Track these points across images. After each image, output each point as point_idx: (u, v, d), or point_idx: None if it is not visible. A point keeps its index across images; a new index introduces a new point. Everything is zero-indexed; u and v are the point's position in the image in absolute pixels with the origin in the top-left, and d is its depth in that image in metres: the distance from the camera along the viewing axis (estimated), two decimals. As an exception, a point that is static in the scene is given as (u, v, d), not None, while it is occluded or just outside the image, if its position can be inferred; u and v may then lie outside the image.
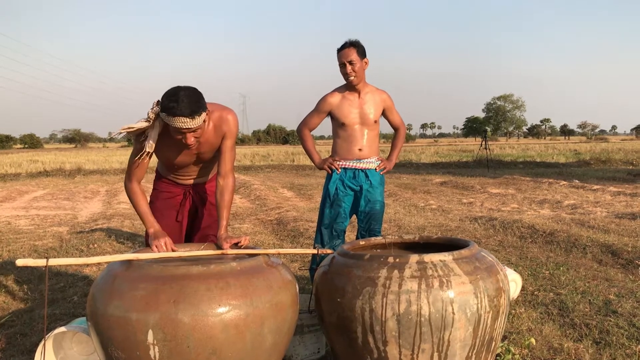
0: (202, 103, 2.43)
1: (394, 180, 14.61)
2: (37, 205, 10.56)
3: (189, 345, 1.97)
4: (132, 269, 2.16)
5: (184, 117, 2.34)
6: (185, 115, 2.34)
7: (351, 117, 3.53)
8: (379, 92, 3.62)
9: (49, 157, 29.71)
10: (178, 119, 2.35)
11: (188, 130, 2.41)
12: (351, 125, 3.54)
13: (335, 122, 3.61)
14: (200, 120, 2.41)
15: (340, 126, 3.57)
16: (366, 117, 3.54)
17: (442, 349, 2.06)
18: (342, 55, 3.43)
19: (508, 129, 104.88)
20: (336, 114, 3.56)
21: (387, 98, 3.65)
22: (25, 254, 5.60)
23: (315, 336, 2.79)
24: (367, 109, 3.54)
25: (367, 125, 3.56)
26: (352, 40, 3.45)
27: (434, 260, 2.14)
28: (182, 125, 2.37)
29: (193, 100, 2.37)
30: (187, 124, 2.37)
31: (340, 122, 3.55)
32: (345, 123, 3.53)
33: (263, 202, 10.15)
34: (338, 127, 3.59)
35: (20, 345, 3.05)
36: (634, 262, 4.55)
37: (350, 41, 3.45)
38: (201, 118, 2.41)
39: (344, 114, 3.53)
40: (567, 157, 24.06)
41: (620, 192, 10.26)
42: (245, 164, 23.23)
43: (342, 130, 3.57)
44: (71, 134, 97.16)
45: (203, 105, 2.44)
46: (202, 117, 2.42)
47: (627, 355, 2.73)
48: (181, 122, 2.36)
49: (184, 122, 2.36)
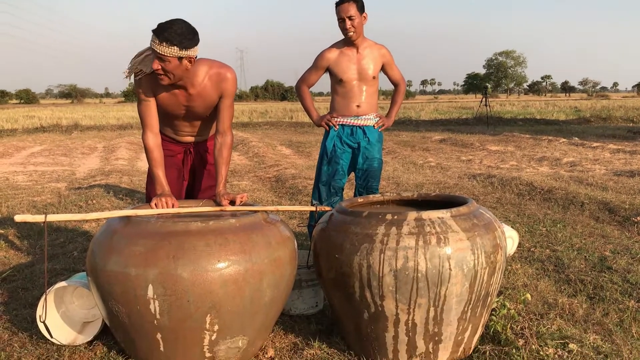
0: (182, 41, 2.40)
1: (392, 138, 14.56)
2: (34, 161, 10.54)
3: (189, 300, 2.00)
4: (130, 225, 2.16)
5: (156, 38, 2.39)
6: (158, 37, 2.39)
7: (349, 73, 3.47)
8: (378, 47, 3.54)
9: (46, 113, 29.47)
10: (153, 37, 2.41)
11: (154, 54, 2.42)
12: (349, 81, 3.49)
13: (333, 79, 3.55)
14: (168, 52, 2.39)
15: (338, 82, 3.52)
16: (365, 73, 3.48)
17: (438, 303, 2.09)
18: (341, 10, 3.34)
19: (509, 86, 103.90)
20: (334, 69, 3.50)
21: (386, 53, 3.58)
22: (23, 210, 5.62)
23: (314, 291, 2.82)
24: (365, 64, 3.47)
25: (366, 81, 3.50)
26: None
27: (432, 217, 2.14)
28: (152, 44, 2.41)
29: (177, 32, 2.39)
30: (154, 45, 2.40)
31: (338, 79, 3.50)
32: (343, 79, 3.48)
33: (261, 160, 10.13)
34: (336, 83, 3.54)
35: (22, 299, 3.09)
36: (631, 219, 4.58)
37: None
38: (169, 50, 2.39)
39: (342, 70, 3.47)
40: (567, 115, 23.91)
41: (619, 150, 10.24)
42: (243, 121, 23.07)
43: (340, 87, 3.53)
44: (67, 89, 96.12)
45: (182, 42, 2.40)
46: (170, 50, 2.39)
47: (619, 310, 2.77)
48: (152, 41, 2.41)
49: (153, 42, 2.40)
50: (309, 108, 3.69)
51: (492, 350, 2.29)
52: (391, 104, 3.83)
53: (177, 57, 2.44)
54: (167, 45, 2.38)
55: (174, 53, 2.41)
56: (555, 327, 2.51)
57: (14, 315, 2.85)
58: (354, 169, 3.67)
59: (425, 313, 2.11)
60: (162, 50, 2.39)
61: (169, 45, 2.38)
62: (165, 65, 2.44)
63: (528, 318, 2.62)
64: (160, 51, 2.39)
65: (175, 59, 2.44)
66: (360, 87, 3.51)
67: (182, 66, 2.48)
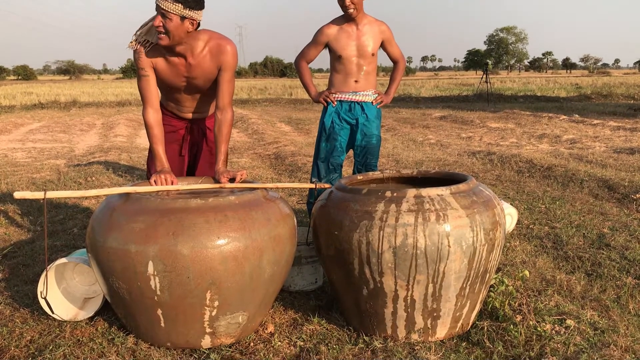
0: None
1: (392, 115, 14.50)
2: (33, 138, 10.51)
3: (189, 276, 2.01)
4: (130, 202, 2.16)
5: None
6: None
7: (348, 50, 3.44)
8: (378, 24, 3.50)
9: (44, 89, 29.26)
10: None
11: (158, 9, 2.41)
12: (348, 57, 3.46)
13: (332, 55, 3.53)
14: (172, 8, 2.39)
15: (337, 59, 3.49)
16: (364, 50, 3.45)
17: (437, 280, 2.10)
18: None
19: (509, 62, 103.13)
20: (333, 45, 3.47)
21: (387, 29, 3.54)
22: (23, 187, 5.62)
23: (313, 267, 2.84)
24: (365, 41, 3.44)
25: (365, 57, 3.48)
26: None
27: (431, 194, 2.14)
28: (156, 0, 2.40)
29: None
30: (159, 1, 2.39)
31: (337, 55, 3.47)
32: (342, 55, 3.46)
33: (261, 137, 10.10)
34: (335, 59, 3.52)
35: (23, 276, 3.10)
36: (630, 197, 4.58)
37: None
38: (174, 7, 2.39)
39: (341, 46, 3.45)
40: (568, 91, 23.78)
41: (620, 127, 10.21)
42: (242, 98, 22.93)
43: (339, 63, 3.50)
44: (65, 65, 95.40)
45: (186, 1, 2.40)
46: (175, 7, 2.39)
47: (617, 287, 2.79)
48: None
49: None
50: (308, 84, 3.67)
51: (490, 326, 2.31)
52: (390, 81, 3.80)
53: (180, 16, 2.42)
54: (172, 1, 2.38)
55: (177, 10, 2.40)
56: (552, 304, 2.53)
57: (15, 292, 2.87)
58: (352, 146, 3.66)
59: (424, 289, 2.12)
60: (165, 5, 2.38)
61: (174, 2, 2.38)
62: (166, 22, 2.42)
63: (526, 294, 2.64)
64: (164, 6, 2.38)
65: (177, 17, 2.42)
66: (359, 64, 3.49)
67: (183, 27, 2.46)
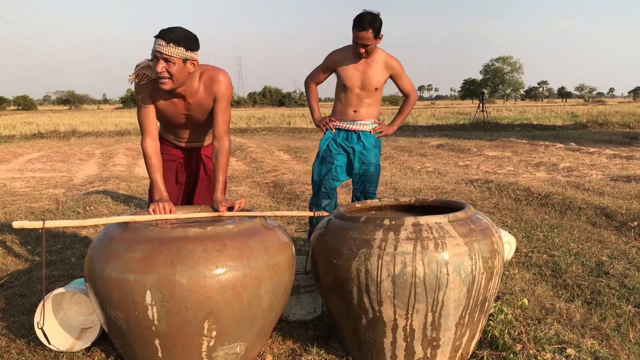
0: (187, 42, 2.47)
1: (390, 143, 14.58)
2: (32, 168, 10.52)
3: (186, 306, 2.00)
4: (128, 231, 2.16)
5: (162, 40, 2.43)
6: (163, 39, 2.43)
7: (353, 80, 3.51)
8: (388, 59, 3.55)
9: (43, 119, 29.44)
10: (157, 40, 2.45)
11: (160, 55, 2.45)
12: (352, 88, 3.53)
13: (338, 82, 3.60)
14: (175, 52, 2.44)
15: (342, 87, 3.57)
16: (368, 84, 3.51)
17: (436, 309, 2.10)
18: (359, 36, 3.33)
19: (505, 92, 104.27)
20: (340, 73, 3.55)
21: (396, 65, 3.58)
22: (21, 216, 5.61)
23: (312, 296, 2.83)
24: (370, 75, 3.50)
25: (367, 91, 3.54)
26: (371, 19, 3.29)
27: (430, 222, 2.15)
28: (157, 47, 2.44)
29: (181, 34, 2.46)
30: (161, 47, 2.43)
31: (342, 84, 3.55)
32: (346, 85, 3.53)
33: (259, 165, 10.14)
34: (339, 87, 3.59)
35: (20, 306, 3.08)
36: (627, 224, 4.59)
37: (370, 21, 3.29)
38: (176, 51, 2.44)
39: (346, 76, 3.52)
40: (564, 120, 23.99)
41: (616, 155, 10.28)
42: (241, 127, 23.08)
43: (342, 92, 3.58)
44: (65, 95, 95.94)
45: (187, 44, 2.47)
46: (177, 51, 2.44)
47: (617, 315, 2.78)
48: (157, 44, 2.45)
49: (159, 44, 2.44)
50: (313, 107, 3.75)
51: (489, 355, 2.29)
52: (397, 113, 3.86)
53: (183, 59, 2.47)
54: (174, 45, 2.43)
55: (180, 54, 2.45)
56: (552, 332, 2.51)
57: (11, 322, 2.84)
58: (350, 174, 3.69)
59: (423, 318, 2.11)
60: (168, 51, 2.43)
61: (176, 46, 2.43)
62: (169, 67, 2.46)
63: (525, 323, 2.63)
64: (167, 52, 2.43)
65: (180, 60, 2.47)
66: (360, 96, 3.55)
67: (185, 69, 2.51)
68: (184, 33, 2.47)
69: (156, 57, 2.47)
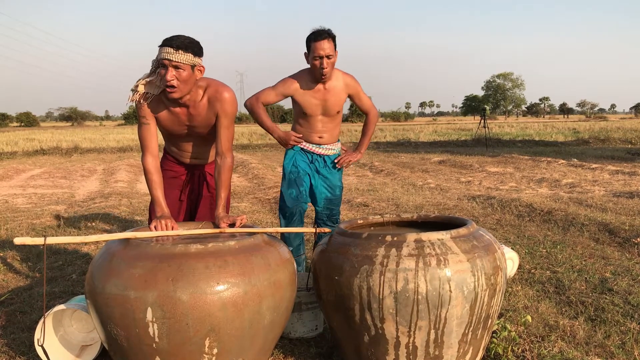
0: (193, 47, 2.49)
1: (392, 159, 14.60)
2: (34, 184, 10.54)
3: (187, 323, 1.99)
4: (130, 248, 2.16)
5: (170, 47, 2.44)
6: (171, 46, 2.44)
7: (313, 108, 3.35)
8: (344, 77, 3.38)
9: (46, 136, 29.57)
10: (164, 48, 2.46)
11: (169, 63, 2.45)
12: (313, 115, 3.38)
13: (296, 107, 3.41)
14: (184, 58, 2.45)
15: (301, 114, 3.40)
16: (329, 109, 3.38)
17: (439, 326, 2.08)
18: (319, 47, 3.13)
19: (507, 108, 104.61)
20: (298, 100, 3.35)
21: (352, 83, 3.41)
22: (23, 233, 5.61)
23: (313, 313, 2.81)
24: (331, 101, 3.34)
25: (330, 116, 3.41)
26: (329, 30, 3.16)
27: (432, 238, 2.14)
28: (165, 55, 2.45)
29: (185, 39, 2.48)
30: (169, 54, 2.44)
31: (302, 111, 3.38)
32: (307, 113, 3.37)
33: (261, 181, 10.15)
34: (299, 114, 3.43)
35: (20, 323, 3.06)
36: (631, 241, 4.57)
37: (327, 31, 3.16)
38: (185, 57, 2.46)
39: (306, 105, 3.34)
40: (565, 136, 24.02)
41: (618, 171, 10.27)
42: (243, 143, 23.15)
43: (302, 118, 3.42)
44: (68, 112, 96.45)
45: (194, 49, 2.49)
46: (186, 57, 2.46)
47: (621, 332, 2.75)
48: (165, 52, 2.45)
49: (167, 52, 2.44)
50: (271, 126, 3.43)
51: (493, 374, 2.27)
52: (362, 136, 3.65)
53: (191, 65, 2.49)
54: (183, 52, 2.45)
55: (189, 60, 2.47)
56: (556, 350, 2.49)
57: (11, 339, 2.82)
58: (314, 197, 3.53)
59: (425, 335, 2.10)
60: (178, 57, 2.44)
61: (185, 52, 2.45)
62: (179, 74, 2.48)
63: (529, 340, 2.60)
64: (177, 59, 2.44)
65: (189, 66, 2.49)
66: (323, 121, 3.41)
67: (194, 76, 2.53)
68: (189, 39, 2.49)
69: (164, 65, 2.47)
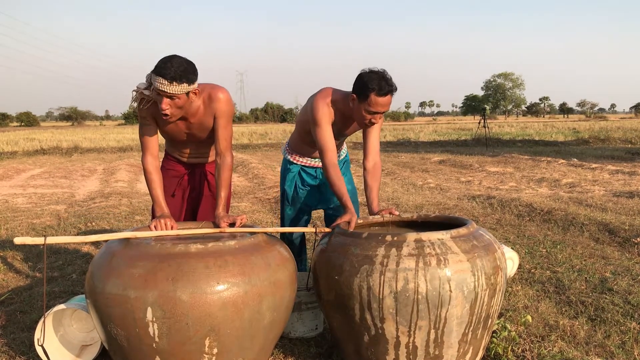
0: (188, 75, 2.41)
1: (392, 159, 14.60)
2: (34, 184, 10.54)
3: (187, 323, 1.99)
4: (130, 247, 2.16)
5: (164, 79, 2.36)
6: (165, 78, 2.36)
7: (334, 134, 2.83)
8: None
9: (46, 135, 29.58)
10: (158, 79, 2.37)
11: (164, 94, 2.41)
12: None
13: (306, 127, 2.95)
14: (179, 89, 2.40)
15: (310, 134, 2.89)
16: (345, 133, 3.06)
17: (439, 325, 2.08)
18: (382, 103, 2.64)
19: (507, 107, 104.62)
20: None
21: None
22: (23, 232, 5.61)
23: (313, 313, 2.81)
24: (350, 129, 3.00)
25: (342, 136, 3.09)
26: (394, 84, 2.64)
27: (432, 238, 2.14)
28: (160, 86, 2.38)
29: (180, 68, 2.38)
30: (164, 86, 2.38)
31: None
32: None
33: (261, 181, 10.14)
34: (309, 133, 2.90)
35: (20, 323, 3.07)
36: (631, 240, 4.57)
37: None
38: (180, 88, 2.40)
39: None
40: (565, 136, 24.02)
41: (618, 171, 10.27)
42: (242, 143, 23.16)
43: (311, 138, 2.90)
44: (68, 112, 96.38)
45: (188, 77, 2.41)
46: (181, 88, 2.40)
47: (621, 332, 2.75)
48: (159, 83, 2.38)
49: (161, 83, 2.37)
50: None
51: (493, 373, 2.27)
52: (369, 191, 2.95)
53: (186, 93, 2.46)
54: (177, 83, 2.38)
55: (184, 89, 2.42)
56: (556, 349, 2.49)
57: (11, 339, 2.82)
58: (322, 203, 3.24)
59: (425, 335, 2.10)
60: (172, 89, 2.39)
61: (179, 83, 2.39)
62: (174, 102, 2.45)
63: (529, 340, 2.60)
64: (171, 90, 2.39)
65: (184, 94, 2.46)
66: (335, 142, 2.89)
67: (189, 100, 2.51)
68: (182, 67, 2.39)
69: (159, 95, 2.43)
